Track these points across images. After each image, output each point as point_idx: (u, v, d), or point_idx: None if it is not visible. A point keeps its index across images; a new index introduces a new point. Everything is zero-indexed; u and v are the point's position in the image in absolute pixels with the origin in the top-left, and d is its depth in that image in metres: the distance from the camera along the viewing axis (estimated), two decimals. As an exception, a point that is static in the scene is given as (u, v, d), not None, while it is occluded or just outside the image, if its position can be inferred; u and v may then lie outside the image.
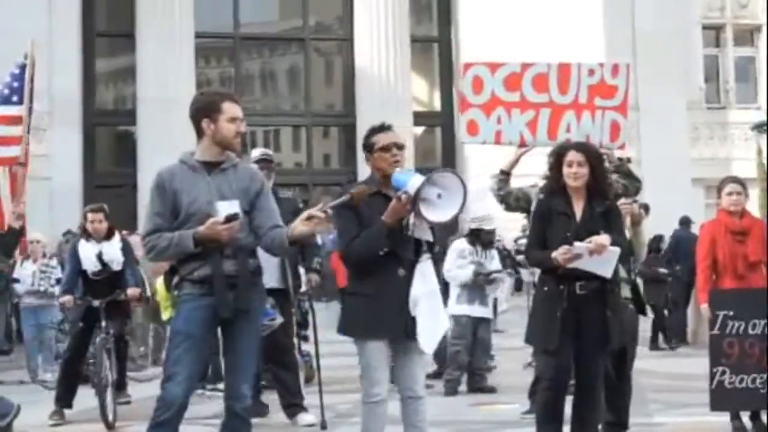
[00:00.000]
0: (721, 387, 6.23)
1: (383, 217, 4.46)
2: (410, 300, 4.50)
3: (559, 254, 4.92)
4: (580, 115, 6.76)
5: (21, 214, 6.93)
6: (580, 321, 5.05)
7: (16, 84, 7.32)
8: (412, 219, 4.50)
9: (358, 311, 4.61)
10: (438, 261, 4.79)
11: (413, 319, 4.51)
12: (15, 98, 7.26)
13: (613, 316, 5.11)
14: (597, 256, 4.92)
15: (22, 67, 7.36)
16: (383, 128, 4.78)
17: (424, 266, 4.54)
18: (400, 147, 4.66)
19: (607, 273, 5.01)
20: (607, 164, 5.67)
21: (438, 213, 4.40)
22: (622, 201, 5.73)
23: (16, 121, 7.22)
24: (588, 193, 5.18)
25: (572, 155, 5.18)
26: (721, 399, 6.28)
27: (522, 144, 6.70)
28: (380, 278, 4.53)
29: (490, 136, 6.70)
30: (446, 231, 5.22)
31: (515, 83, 6.75)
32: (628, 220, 5.80)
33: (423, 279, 4.52)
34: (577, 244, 4.92)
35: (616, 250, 4.96)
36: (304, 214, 4.22)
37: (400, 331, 4.53)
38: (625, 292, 5.77)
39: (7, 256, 6.90)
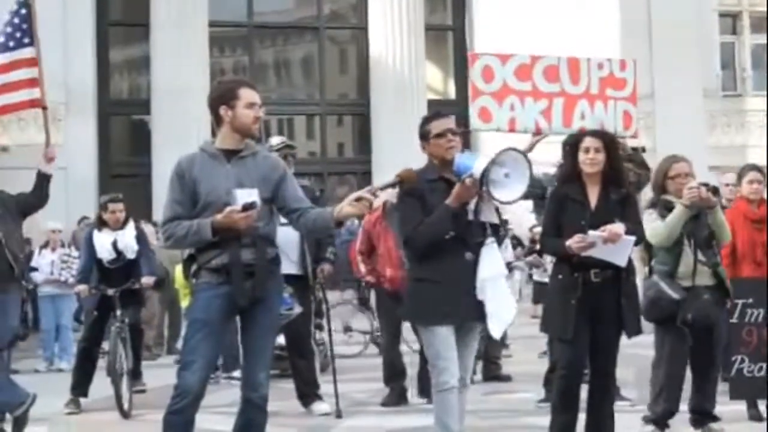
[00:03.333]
0: (740, 375, 6.21)
1: (448, 201, 4.47)
2: (477, 284, 4.50)
3: (573, 242, 4.89)
4: (593, 105, 6.86)
5: (52, 158, 6.84)
6: (596, 309, 5.03)
7: (25, 25, 7.11)
8: (475, 202, 4.50)
9: (425, 297, 4.60)
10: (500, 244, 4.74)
11: (480, 304, 4.50)
12: (26, 40, 7.09)
13: (628, 304, 5.08)
14: (611, 244, 4.88)
15: (26, 6, 7.09)
16: (437, 115, 4.83)
17: (490, 249, 4.53)
18: (455, 132, 4.68)
19: (622, 262, 4.98)
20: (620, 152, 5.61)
21: (507, 192, 4.44)
22: (689, 185, 5.61)
23: (31, 63, 7.11)
24: (604, 180, 5.15)
25: (589, 141, 5.16)
26: (740, 387, 6.25)
27: (537, 131, 6.77)
28: (447, 263, 4.53)
29: (504, 123, 6.73)
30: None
31: (526, 73, 6.82)
32: (680, 206, 5.67)
33: (489, 262, 4.51)
34: (591, 232, 4.90)
35: (631, 239, 4.93)
36: (353, 196, 4.20)
37: (468, 316, 4.54)
38: (705, 279, 5.69)
39: (40, 205, 6.69)
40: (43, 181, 6.74)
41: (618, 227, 4.91)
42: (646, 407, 5.89)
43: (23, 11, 7.14)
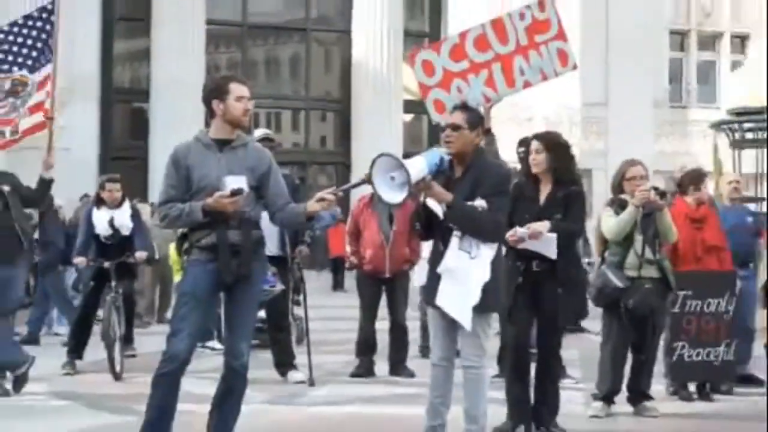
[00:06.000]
0: (680, 360, 6.32)
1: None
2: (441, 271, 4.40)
3: (508, 236, 4.90)
4: (527, 56, 6.63)
5: (51, 164, 6.78)
6: (537, 295, 5.06)
7: (51, 40, 7.04)
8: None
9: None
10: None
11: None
12: (50, 56, 7.04)
13: (564, 294, 5.08)
14: (536, 240, 4.92)
15: (50, 21, 7.01)
16: (454, 108, 4.66)
17: (454, 242, 4.36)
18: (454, 127, 4.48)
19: (551, 255, 4.98)
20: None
21: (395, 194, 4.16)
22: (641, 188, 5.62)
23: (47, 82, 7.05)
24: (554, 178, 5.17)
25: (533, 144, 5.26)
26: (680, 371, 6.37)
27: (487, 101, 6.58)
28: (434, 250, 4.51)
29: None
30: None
31: (460, 53, 6.63)
32: (632, 206, 5.69)
33: (450, 253, 4.36)
34: (518, 229, 4.95)
35: (552, 236, 4.94)
36: (318, 195, 4.26)
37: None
38: (651, 272, 5.73)
39: (36, 206, 6.65)
40: (44, 185, 6.71)
41: (540, 226, 4.94)
42: (594, 386, 5.93)
43: (48, 26, 7.06)
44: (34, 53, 7.04)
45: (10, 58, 6.99)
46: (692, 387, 6.49)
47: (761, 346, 7.23)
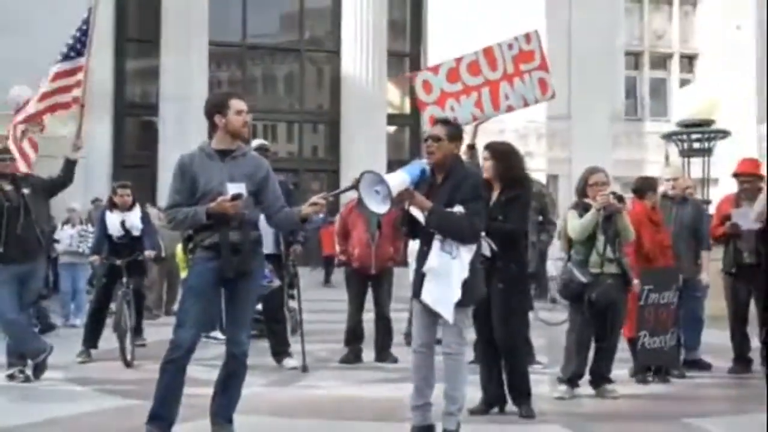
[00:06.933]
0: (642, 347, 6.35)
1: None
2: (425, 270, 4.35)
3: None
4: (512, 82, 6.76)
5: (79, 146, 6.74)
6: (488, 290, 4.93)
7: (84, 38, 7.04)
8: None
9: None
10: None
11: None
12: (83, 50, 7.05)
13: (504, 289, 5.01)
14: None
15: (86, 22, 7.09)
16: (436, 122, 4.61)
17: (435, 244, 4.32)
18: (435, 139, 4.44)
19: (486, 253, 4.88)
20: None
21: (379, 205, 4.15)
22: (602, 193, 5.62)
23: (79, 70, 7.07)
24: (501, 183, 5.16)
25: (483, 153, 5.32)
26: (643, 357, 6.40)
27: (474, 120, 6.74)
28: (419, 250, 4.44)
29: None
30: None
31: (455, 76, 6.79)
32: (593, 209, 5.65)
33: (433, 254, 4.33)
34: None
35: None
36: (311, 200, 4.27)
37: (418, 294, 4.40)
38: (611, 268, 5.72)
39: (65, 185, 6.62)
40: (69, 165, 6.65)
41: None
42: (559, 369, 5.93)
43: (84, 27, 7.13)
44: (64, 48, 7.15)
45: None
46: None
47: (712, 333, 7.30)
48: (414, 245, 4.95)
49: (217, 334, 8.27)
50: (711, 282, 7.09)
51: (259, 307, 6.59)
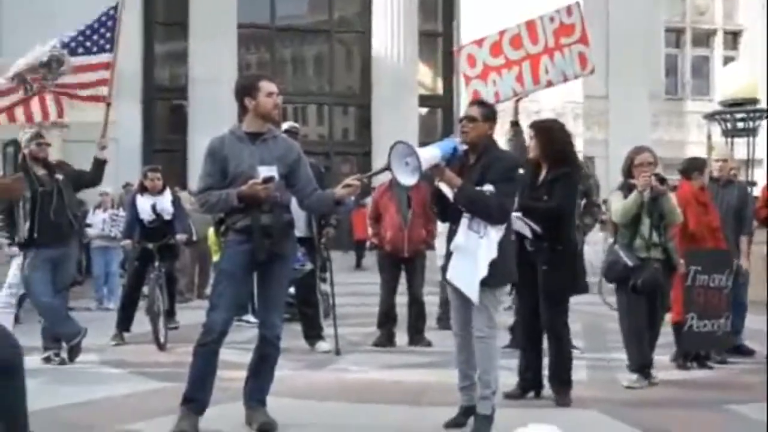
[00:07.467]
0: (690, 330, 6.24)
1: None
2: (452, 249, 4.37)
3: None
4: (553, 57, 6.76)
5: (105, 145, 6.84)
6: (534, 271, 4.97)
7: (108, 34, 7.07)
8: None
9: None
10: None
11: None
12: (107, 46, 7.10)
13: (549, 270, 4.98)
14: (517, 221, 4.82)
15: (113, 18, 7.10)
16: (471, 103, 4.66)
17: (464, 222, 4.32)
18: (470, 119, 4.46)
19: (527, 234, 4.90)
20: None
21: (408, 177, 4.16)
22: (643, 175, 5.53)
23: (106, 66, 7.11)
24: (548, 162, 5.13)
25: (529, 131, 5.27)
26: (690, 340, 6.29)
27: (514, 95, 6.77)
28: (450, 230, 4.46)
29: (491, 98, 6.57)
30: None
31: (498, 49, 6.81)
32: (647, 193, 5.53)
33: (461, 232, 4.33)
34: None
35: (514, 217, 4.70)
36: (345, 181, 4.29)
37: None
38: (657, 253, 5.63)
39: (94, 184, 6.74)
40: (99, 165, 6.75)
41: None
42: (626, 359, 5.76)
43: (109, 23, 7.12)
44: (88, 43, 7.11)
45: (73, 44, 7.07)
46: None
47: (753, 319, 7.20)
48: (442, 229, 4.92)
49: (250, 317, 8.37)
50: (752, 267, 6.98)
51: (292, 290, 6.65)
